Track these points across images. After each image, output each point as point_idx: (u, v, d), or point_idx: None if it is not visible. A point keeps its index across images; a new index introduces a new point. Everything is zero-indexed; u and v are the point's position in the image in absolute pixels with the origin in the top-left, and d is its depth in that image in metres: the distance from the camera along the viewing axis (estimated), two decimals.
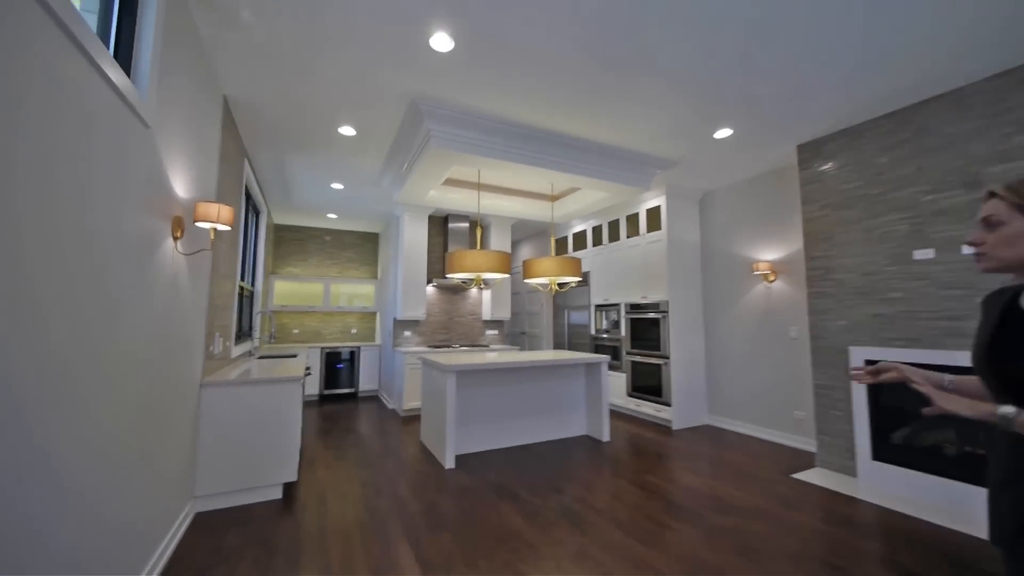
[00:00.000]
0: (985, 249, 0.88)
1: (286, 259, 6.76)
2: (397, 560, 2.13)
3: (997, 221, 0.86)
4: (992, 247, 0.87)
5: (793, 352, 3.95)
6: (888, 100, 2.90)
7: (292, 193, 5.17)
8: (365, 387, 6.45)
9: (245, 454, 2.74)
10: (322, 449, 3.93)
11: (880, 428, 3.01)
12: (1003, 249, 0.86)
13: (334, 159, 4.06)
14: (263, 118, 3.27)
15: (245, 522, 2.52)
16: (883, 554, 2.18)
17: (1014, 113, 2.50)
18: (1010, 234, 0.85)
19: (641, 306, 4.99)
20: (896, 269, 2.95)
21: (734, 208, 4.60)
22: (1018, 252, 0.84)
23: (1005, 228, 0.85)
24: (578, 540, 2.31)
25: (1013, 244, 0.85)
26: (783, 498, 2.82)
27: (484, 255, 3.67)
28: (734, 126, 3.32)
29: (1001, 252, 0.86)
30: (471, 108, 3.10)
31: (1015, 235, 0.84)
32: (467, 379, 3.83)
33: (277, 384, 2.86)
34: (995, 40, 2.29)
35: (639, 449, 3.89)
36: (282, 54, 2.48)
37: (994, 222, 0.87)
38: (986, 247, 0.88)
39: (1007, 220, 0.85)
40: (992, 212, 0.87)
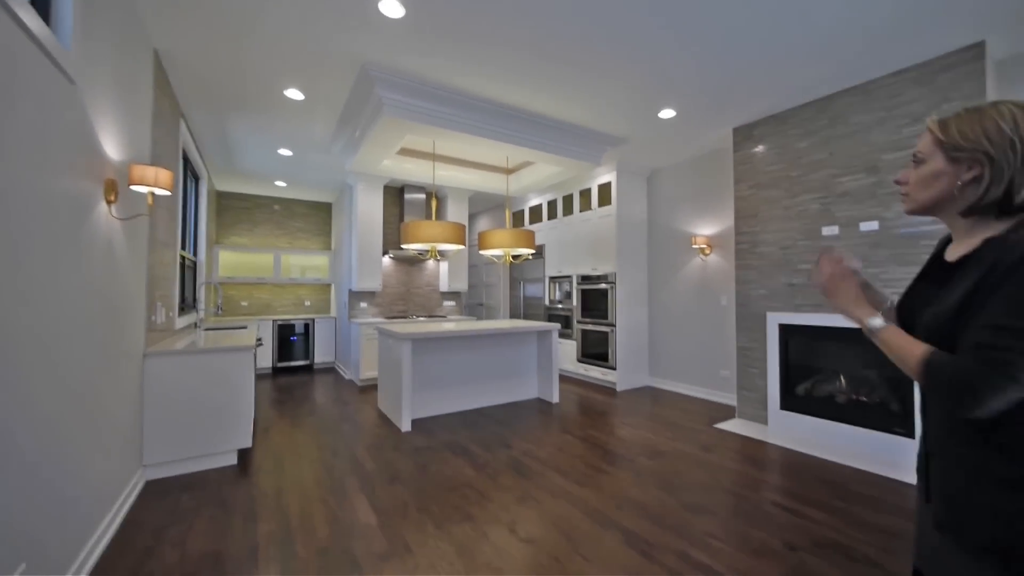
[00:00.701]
0: (907, 189, 0.82)
1: (231, 228, 6.44)
2: (354, 510, 2.28)
3: (920, 158, 0.79)
4: (912, 186, 0.80)
5: (722, 318, 4.37)
6: (809, 90, 3.18)
7: (235, 158, 4.91)
8: (321, 359, 6.41)
9: (196, 422, 2.75)
10: (277, 418, 3.95)
11: (788, 382, 3.46)
12: (920, 189, 0.79)
13: (280, 123, 3.90)
14: (200, 76, 3.09)
15: (200, 486, 2.56)
16: (775, 483, 2.59)
17: (908, 107, 2.85)
18: (927, 173, 0.77)
19: (591, 277, 5.26)
20: (807, 244, 3.33)
21: (678, 186, 4.90)
22: (934, 193, 0.77)
23: (925, 167, 0.78)
24: (523, 485, 2.56)
25: (929, 184, 0.77)
26: (703, 444, 3.22)
27: (439, 226, 3.73)
28: (677, 107, 3.52)
29: (918, 192, 0.79)
30: (425, 78, 3.09)
31: (932, 174, 0.77)
32: (423, 347, 3.95)
33: (226, 353, 2.85)
34: (894, 40, 2.58)
35: (585, 409, 4.22)
36: (219, 7, 2.36)
37: (919, 158, 0.79)
38: (909, 187, 0.81)
39: (927, 158, 0.78)
40: (920, 148, 0.79)
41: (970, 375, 0.65)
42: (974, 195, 0.73)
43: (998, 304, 0.66)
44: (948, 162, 0.75)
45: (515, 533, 2.07)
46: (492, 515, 2.23)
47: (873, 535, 2.04)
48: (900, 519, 2.17)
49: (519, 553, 1.91)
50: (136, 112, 2.42)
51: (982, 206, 0.73)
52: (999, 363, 0.63)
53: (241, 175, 5.59)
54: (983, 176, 0.71)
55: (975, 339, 0.67)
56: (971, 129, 0.72)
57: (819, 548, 1.94)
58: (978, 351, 0.66)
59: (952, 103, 2.65)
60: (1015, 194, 0.70)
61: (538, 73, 3.01)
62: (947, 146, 0.75)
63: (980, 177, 0.72)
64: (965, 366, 0.66)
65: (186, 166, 4.18)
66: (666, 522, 2.16)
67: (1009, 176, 0.69)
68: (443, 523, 2.15)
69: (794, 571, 1.78)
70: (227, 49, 2.75)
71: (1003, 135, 0.69)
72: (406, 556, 1.89)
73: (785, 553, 1.90)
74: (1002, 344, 0.64)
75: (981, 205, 0.73)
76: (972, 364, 0.66)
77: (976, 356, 0.66)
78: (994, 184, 0.71)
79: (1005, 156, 0.69)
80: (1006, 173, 0.69)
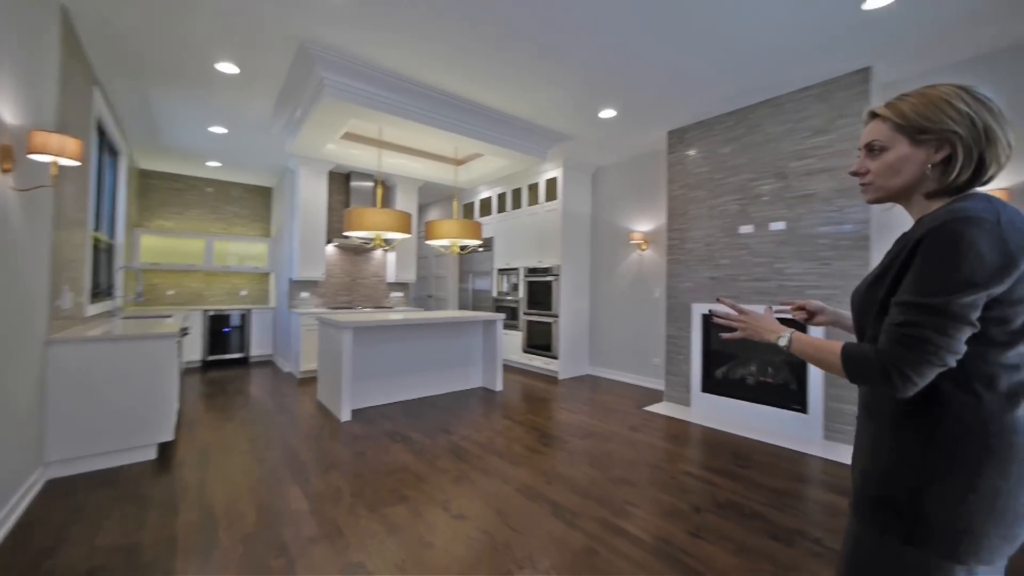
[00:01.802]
0: (870, 179, 0.80)
1: (156, 210, 5.95)
2: (285, 498, 2.25)
3: (880, 146, 0.78)
4: (876, 175, 0.79)
5: (655, 309, 4.68)
6: (731, 100, 3.48)
7: (161, 134, 4.55)
8: (258, 352, 6.11)
9: (109, 415, 2.56)
10: (205, 412, 3.75)
11: (708, 367, 3.79)
12: (888, 177, 0.78)
13: (213, 98, 3.67)
14: (117, 41, 2.85)
15: (112, 483, 2.41)
16: (691, 456, 2.85)
17: (810, 120, 3.20)
18: (893, 160, 0.76)
19: (537, 270, 5.42)
20: (727, 241, 3.65)
21: (619, 184, 5.15)
22: (905, 179, 0.76)
23: (888, 154, 0.77)
24: (460, 467, 2.64)
25: (898, 171, 0.76)
26: (632, 425, 3.46)
27: (384, 213, 3.70)
28: (617, 108, 3.72)
29: (885, 180, 0.78)
30: (371, 62, 3.05)
31: (899, 160, 0.76)
32: (365, 337, 3.90)
33: (145, 341, 2.68)
34: (799, 62, 2.89)
35: (526, 396, 4.36)
36: None
37: (877, 147, 0.78)
38: (871, 176, 0.80)
39: (889, 144, 0.77)
40: (874, 136, 0.79)
41: (890, 357, 0.67)
42: (944, 176, 0.73)
43: (909, 280, 0.68)
44: (913, 145, 0.74)
45: (448, 511, 2.14)
46: (427, 496, 2.29)
47: (763, 494, 2.32)
48: (787, 481, 2.48)
49: (450, 528, 1.99)
50: (39, 73, 2.20)
51: (951, 186, 0.72)
52: (915, 340, 0.65)
53: (168, 153, 5.18)
54: (955, 155, 0.71)
55: (890, 319, 0.69)
56: (930, 110, 0.72)
57: (719, 508, 2.18)
58: (892, 331, 0.68)
59: (845, 118, 3.02)
60: (987, 169, 0.71)
61: (483, 66, 3.07)
62: (909, 129, 0.74)
63: (952, 157, 0.71)
64: (884, 350, 0.68)
65: (102, 139, 3.82)
66: (591, 494, 2.32)
67: (979, 152, 0.70)
68: (377, 506, 2.18)
69: (698, 528, 2.00)
70: (148, 13, 2.56)
71: (961, 112, 0.70)
72: (336, 538, 1.91)
73: (691, 514, 2.12)
74: (914, 320, 0.66)
75: (951, 185, 0.72)
76: (888, 346, 0.67)
77: (891, 336, 0.68)
78: (966, 162, 0.70)
79: (971, 133, 0.69)
80: (975, 150, 0.70)
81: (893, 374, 0.66)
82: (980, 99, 0.70)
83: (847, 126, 3.01)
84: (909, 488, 0.70)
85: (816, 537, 1.94)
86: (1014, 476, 0.66)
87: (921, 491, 0.69)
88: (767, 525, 2.04)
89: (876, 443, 0.76)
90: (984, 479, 0.66)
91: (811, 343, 0.81)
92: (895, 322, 0.68)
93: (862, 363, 0.71)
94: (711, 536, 1.94)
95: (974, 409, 0.67)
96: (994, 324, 0.66)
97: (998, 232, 0.63)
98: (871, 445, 0.78)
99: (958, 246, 0.64)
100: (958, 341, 0.65)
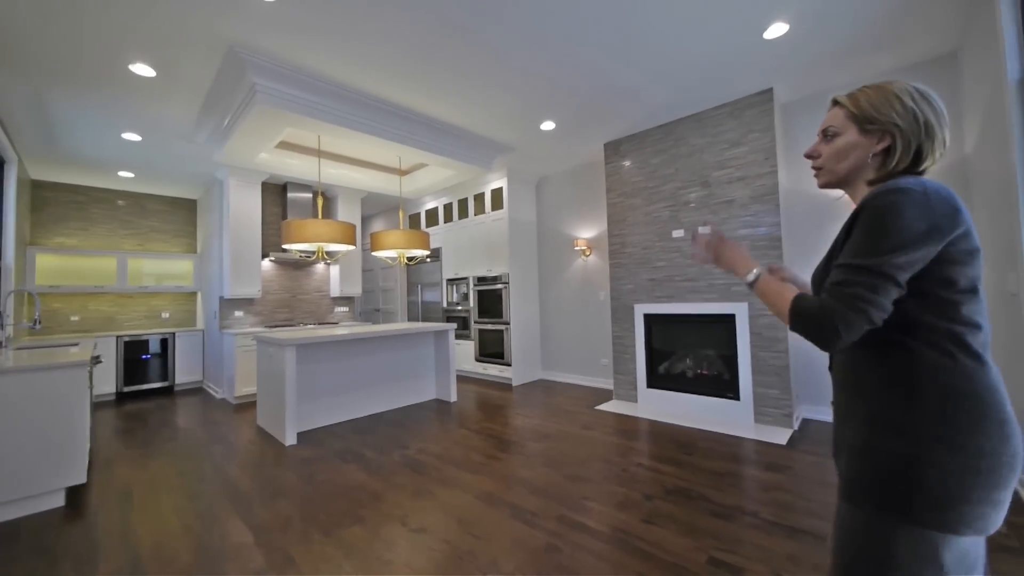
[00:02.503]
0: (821, 163, 0.86)
1: (54, 227, 5.27)
2: (225, 533, 2.08)
3: (833, 132, 0.84)
4: (827, 159, 0.85)
5: (601, 312, 4.89)
6: (658, 115, 3.78)
7: (60, 140, 4.06)
8: (185, 379, 5.56)
9: (1, 461, 2.23)
10: (123, 449, 3.36)
11: (652, 364, 4.02)
12: (836, 161, 0.84)
13: (125, 102, 3.35)
14: (5, 34, 2.53)
15: (9, 539, 2.09)
16: (640, 448, 3.01)
17: (726, 135, 3.56)
18: (842, 146, 0.83)
19: (487, 279, 5.46)
20: (662, 244, 3.93)
21: (562, 193, 5.36)
22: (850, 164, 0.82)
23: (839, 140, 0.83)
24: (418, 481, 2.59)
25: (845, 156, 0.82)
26: (584, 423, 3.58)
27: (325, 224, 3.56)
28: (556, 120, 3.89)
29: (834, 165, 0.84)
30: (307, 68, 2.96)
31: (847, 146, 0.82)
32: (309, 354, 3.71)
33: (47, 372, 2.37)
34: (713, 81, 3.22)
35: (481, 405, 4.36)
36: None
37: (831, 133, 0.84)
38: (822, 160, 0.86)
39: (841, 131, 0.83)
40: (830, 123, 0.85)
41: (826, 311, 0.72)
42: (884, 165, 0.80)
43: (848, 245, 0.75)
44: (861, 134, 0.81)
45: (407, 525, 2.09)
46: (384, 513, 2.22)
47: (705, 477, 2.51)
48: (726, 463, 2.70)
49: (410, 543, 1.95)
50: None
51: (889, 175, 0.79)
52: (849, 297, 0.71)
53: (69, 162, 4.62)
54: (894, 146, 0.78)
55: (831, 279, 0.76)
56: (881, 103, 0.79)
57: (668, 494, 2.32)
58: (831, 289, 0.74)
59: (755, 133, 3.39)
60: (922, 161, 0.78)
61: (425, 75, 3.09)
62: (860, 119, 0.81)
63: (892, 147, 0.79)
64: (823, 304, 0.74)
65: None
66: (549, 493, 2.37)
67: (916, 144, 0.77)
68: (331, 529, 2.08)
69: (650, 515, 2.12)
70: (44, 3, 2.31)
71: (907, 108, 0.77)
72: (287, 568, 1.80)
73: (643, 502, 2.24)
74: (849, 279, 0.72)
75: (890, 173, 0.79)
76: (828, 302, 0.73)
77: (831, 293, 0.74)
78: (904, 153, 0.78)
79: (911, 127, 0.77)
80: (913, 143, 0.77)
81: (826, 326, 0.72)
82: (927, 98, 0.78)
83: (757, 140, 3.38)
84: (904, 457, 0.71)
85: (753, 511, 2.13)
86: (996, 435, 0.68)
87: (917, 459, 0.69)
88: (710, 505, 2.20)
89: (864, 420, 0.77)
90: (970, 438, 0.68)
91: (773, 287, 0.84)
92: (834, 281, 0.74)
93: (806, 314, 0.76)
94: (662, 521, 2.07)
95: (951, 369, 0.71)
96: (941, 286, 0.72)
97: (924, 200, 0.70)
98: (858, 423, 0.78)
99: (889, 213, 0.71)
100: (886, 299, 0.70)
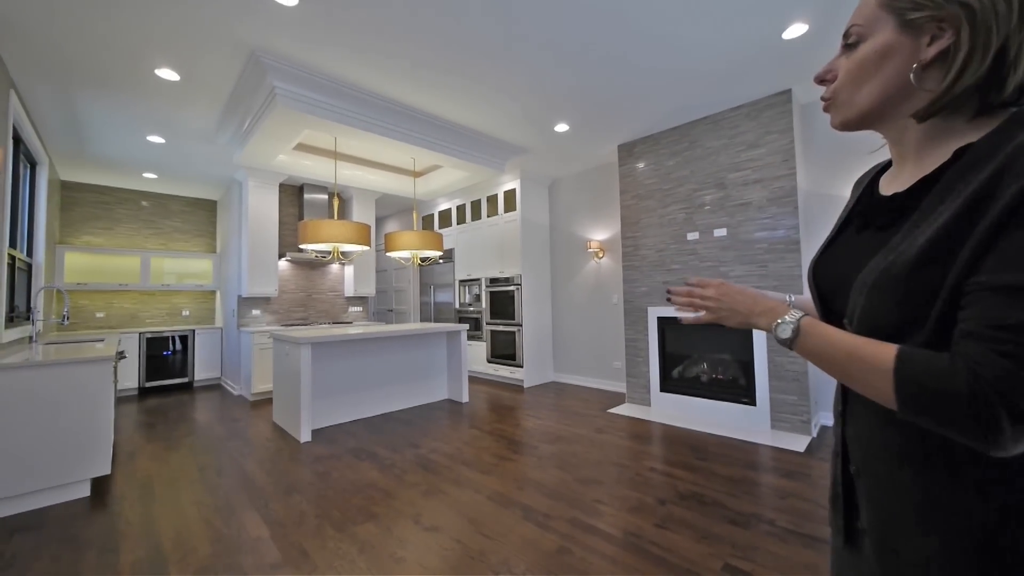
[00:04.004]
0: (835, 88, 0.56)
1: (82, 226, 5.45)
2: (242, 526, 2.12)
3: (858, 34, 0.53)
4: (843, 82, 0.54)
5: (614, 314, 4.86)
6: (674, 116, 3.75)
7: (89, 143, 4.20)
8: (204, 375, 5.69)
9: (30, 451, 2.31)
10: (145, 443, 3.45)
11: (665, 367, 3.98)
12: (856, 84, 0.53)
13: (150, 106, 3.46)
14: (38, 41, 2.63)
15: (38, 526, 2.16)
16: (653, 453, 2.98)
17: (743, 136, 3.51)
18: (868, 54, 0.51)
19: (499, 280, 5.47)
20: (676, 247, 3.89)
21: (575, 194, 5.35)
22: (876, 87, 0.51)
23: (865, 45, 0.52)
24: (429, 480, 2.60)
25: (873, 71, 0.51)
26: (597, 427, 3.56)
27: (340, 225, 3.62)
28: (570, 122, 3.89)
29: (854, 89, 0.53)
30: (325, 71, 3.01)
31: (876, 54, 0.51)
32: (324, 352, 3.76)
33: (75, 366, 2.45)
34: (730, 83, 3.18)
35: (493, 406, 4.37)
36: None
37: (853, 36, 0.53)
38: (837, 84, 0.55)
39: (869, 29, 0.52)
40: (854, 20, 0.54)
41: (995, 382, 0.39)
42: (941, 79, 0.48)
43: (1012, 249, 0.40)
44: (901, 30, 0.49)
45: (419, 524, 2.11)
46: (397, 511, 2.24)
47: (721, 483, 2.47)
48: (741, 469, 2.66)
49: (423, 541, 1.96)
50: None
51: (953, 97, 0.47)
52: None
53: (97, 164, 4.78)
54: (958, 45, 0.46)
55: (986, 313, 0.41)
56: None
57: (682, 499, 2.30)
58: (994, 336, 0.40)
59: (773, 134, 3.34)
60: (1009, 70, 0.45)
61: (441, 78, 3.12)
62: (899, 6, 0.49)
63: (954, 48, 0.46)
64: (981, 362, 0.40)
65: (17, 148, 3.49)
66: (561, 496, 2.37)
67: (1001, 40, 0.44)
68: (344, 525, 2.11)
69: (663, 520, 2.09)
70: (75, 12, 2.40)
71: None
72: (302, 562, 1.83)
73: (656, 507, 2.22)
74: None
75: (952, 96, 0.47)
76: (991, 359, 0.39)
77: (991, 341, 0.40)
78: (975, 55, 0.45)
79: (993, 8, 0.44)
80: (994, 35, 0.44)
81: (995, 408, 0.38)
82: None
83: (775, 141, 3.33)
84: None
85: (770, 518, 2.09)
86: None
87: None
88: (726, 511, 2.17)
89: (926, 508, 0.47)
90: None
91: (833, 338, 0.51)
92: (1002, 321, 0.40)
93: (937, 382, 0.41)
94: (676, 526, 2.04)
95: None
96: None
97: None
98: (917, 510, 0.47)
99: None
100: None
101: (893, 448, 0.50)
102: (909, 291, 0.47)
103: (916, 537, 0.47)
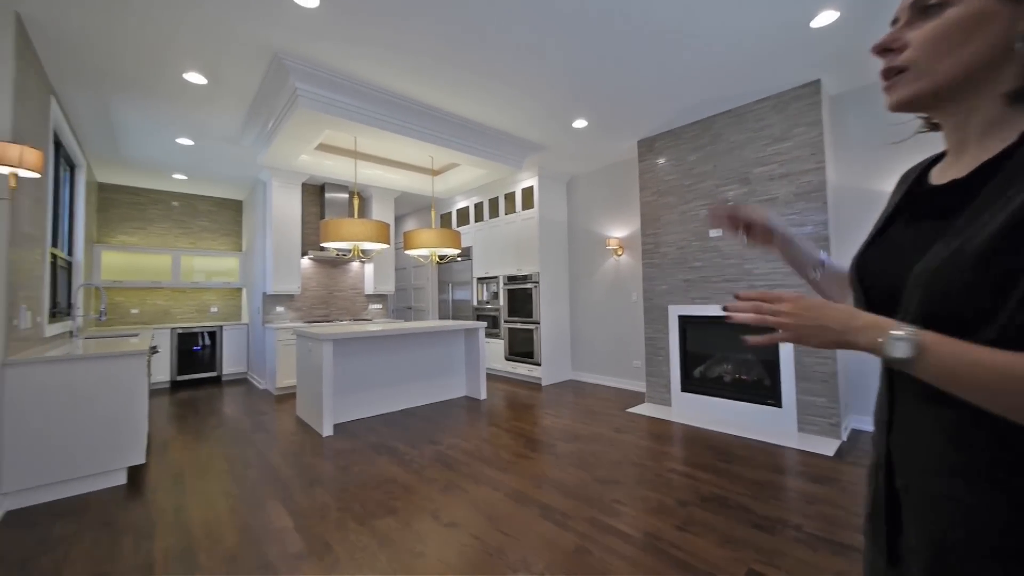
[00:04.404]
0: (909, 57, 0.48)
1: (117, 226, 5.69)
2: (267, 516, 2.18)
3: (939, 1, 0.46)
4: (921, 49, 0.47)
5: (633, 313, 4.79)
6: (695, 111, 3.66)
7: (122, 146, 4.38)
8: (231, 370, 5.88)
9: (73, 440, 2.43)
10: (177, 433, 3.59)
11: (686, 367, 3.91)
12: (939, 54, 0.47)
13: (179, 109, 3.58)
14: (76, 49, 2.75)
15: (80, 511, 2.27)
16: (674, 453, 2.93)
17: (768, 130, 3.40)
18: (956, 21, 0.45)
19: (517, 278, 5.47)
20: (698, 244, 3.81)
21: (593, 192, 5.29)
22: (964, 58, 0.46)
23: (952, 11, 0.45)
24: (448, 476, 2.62)
25: (960, 42, 0.45)
26: (616, 426, 3.52)
27: (361, 223, 3.67)
28: (588, 118, 3.84)
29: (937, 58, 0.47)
30: (345, 72, 3.05)
31: (969, 19, 0.45)
32: (345, 349, 3.83)
33: (112, 359, 2.56)
34: (755, 74, 3.08)
35: (511, 403, 4.37)
36: None
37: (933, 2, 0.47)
38: (910, 52, 0.48)
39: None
40: None
41: None
42: None
43: None
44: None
45: (438, 519, 2.13)
46: (417, 506, 2.26)
47: (745, 486, 2.41)
48: (766, 472, 2.59)
49: (442, 537, 1.98)
50: None
51: None
52: None
53: (130, 166, 4.98)
54: None
55: None
56: None
57: (704, 501, 2.25)
58: None
59: (801, 127, 3.22)
60: None
61: (458, 77, 3.12)
62: None
63: None
64: None
65: (58, 152, 3.66)
66: (580, 495, 2.35)
67: None
68: (365, 519, 2.14)
69: (684, 522, 2.06)
70: (110, 21, 2.49)
71: None
72: (325, 554, 1.86)
73: (677, 508, 2.18)
74: None
75: None
76: None
77: None
78: None
79: None
80: None
81: None
82: None
83: (803, 134, 3.22)
84: None
85: (796, 524, 2.03)
86: None
87: None
88: (750, 515, 2.11)
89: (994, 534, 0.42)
90: None
91: (973, 354, 0.41)
92: None
93: None
94: (698, 528, 2.00)
95: None
96: None
97: None
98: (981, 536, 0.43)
99: None
100: None
101: (956, 464, 0.45)
102: (979, 280, 0.42)
103: (983, 568, 0.42)
